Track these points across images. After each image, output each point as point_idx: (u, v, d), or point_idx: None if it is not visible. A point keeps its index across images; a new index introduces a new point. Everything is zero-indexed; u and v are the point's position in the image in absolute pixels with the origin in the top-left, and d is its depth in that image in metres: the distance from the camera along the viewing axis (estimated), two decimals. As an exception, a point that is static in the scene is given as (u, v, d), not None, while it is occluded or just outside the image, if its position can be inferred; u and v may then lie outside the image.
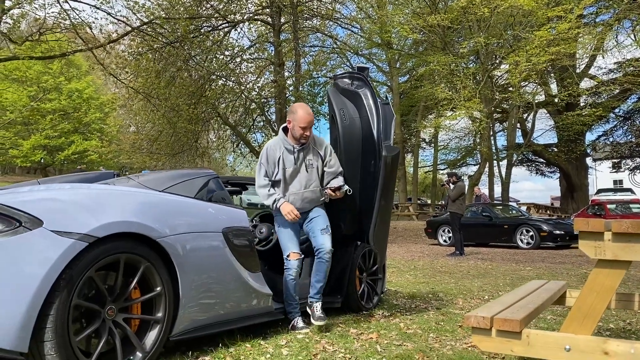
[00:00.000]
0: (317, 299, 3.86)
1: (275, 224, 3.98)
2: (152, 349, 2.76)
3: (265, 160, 3.89)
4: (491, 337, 2.08)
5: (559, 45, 16.68)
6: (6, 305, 2.23)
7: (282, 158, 3.87)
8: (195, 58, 16.88)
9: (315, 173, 3.97)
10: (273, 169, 3.89)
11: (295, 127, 3.83)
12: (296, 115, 3.84)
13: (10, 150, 31.47)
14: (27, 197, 2.57)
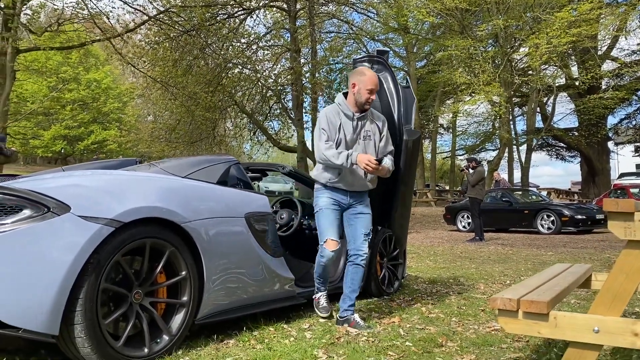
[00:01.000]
0: (352, 311, 3.52)
1: (316, 207, 3.60)
2: (178, 333, 2.80)
3: (326, 126, 3.49)
4: (517, 319, 2.06)
5: (580, 26, 16.33)
6: (37, 290, 2.28)
7: (342, 125, 3.52)
8: (212, 46, 16.90)
9: (372, 146, 3.59)
10: (334, 135, 3.50)
11: (362, 90, 3.47)
12: (364, 76, 3.49)
13: (31, 141, 32.00)
14: (54, 183, 2.61)
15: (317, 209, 3.60)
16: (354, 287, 3.56)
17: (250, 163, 4.55)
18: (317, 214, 3.59)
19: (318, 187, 3.62)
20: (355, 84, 3.49)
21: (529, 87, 24.33)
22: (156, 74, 16.57)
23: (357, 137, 3.54)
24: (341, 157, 3.42)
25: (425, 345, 3.04)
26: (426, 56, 28.28)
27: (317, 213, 3.59)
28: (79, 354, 2.43)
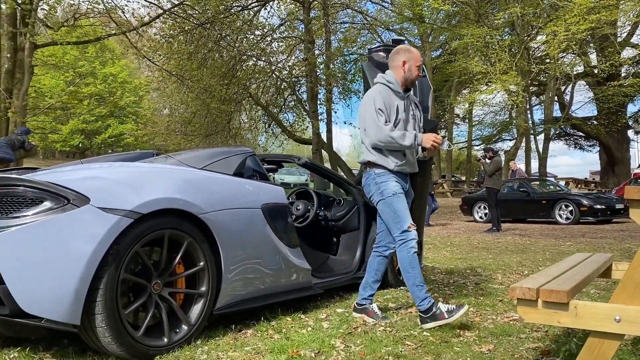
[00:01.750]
0: (371, 301, 3.49)
1: (386, 193, 3.29)
2: (197, 322, 2.83)
3: (382, 106, 3.26)
4: (537, 308, 2.04)
5: (599, 12, 16.01)
6: (58, 280, 2.32)
7: (398, 105, 3.34)
8: (226, 39, 16.92)
9: (417, 125, 3.46)
10: (392, 116, 3.30)
11: (413, 66, 3.35)
12: (412, 53, 3.38)
13: (50, 135, 32.42)
14: (74, 176, 2.64)
15: (390, 193, 3.28)
16: (378, 277, 3.52)
17: (265, 154, 4.56)
18: (389, 200, 3.27)
19: (381, 173, 3.32)
20: (405, 62, 3.36)
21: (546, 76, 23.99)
22: (171, 67, 16.65)
23: (407, 117, 3.40)
24: (408, 138, 3.23)
25: (442, 335, 3.03)
26: (441, 45, 28.01)
27: (389, 199, 3.27)
28: (100, 343, 2.47)
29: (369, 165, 3.38)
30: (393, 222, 3.29)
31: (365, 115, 3.30)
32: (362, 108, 3.34)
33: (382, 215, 3.37)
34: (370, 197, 3.41)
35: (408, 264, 3.24)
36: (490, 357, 2.66)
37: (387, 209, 3.30)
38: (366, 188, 3.42)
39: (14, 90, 11.91)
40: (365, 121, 3.30)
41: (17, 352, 2.62)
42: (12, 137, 9.72)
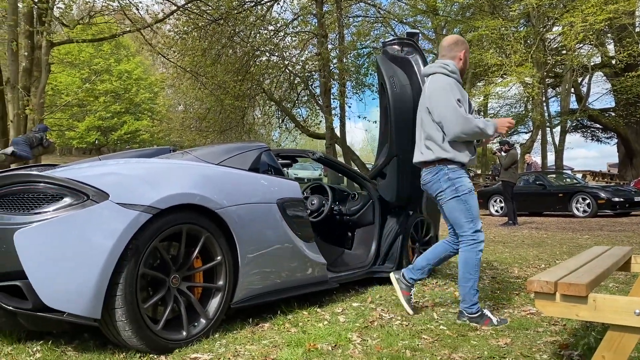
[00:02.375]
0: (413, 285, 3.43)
1: (461, 190, 3.16)
2: (215, 316, 2.86)
3: (459, 96, 3.14)
4: (555, 302, 2.03)
5: (617, 2, 15.74)
6: (79, 275, 2.36)
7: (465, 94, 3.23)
8: (240, 34, 16.94)
9: None
10: (466, 106, 3.18)
11: (467, 59, 3.32)
12: (467, 46, 3.33)
13: (67, 132, 32.79)
14: (93, 172, 2.68)
15: (466, 190, 3.16)
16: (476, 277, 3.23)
17: (280, 149, 4.57)
18: (465, 197, 3.15)
19: (454, 168, 3.17)
20: (464, 53, 3.29)
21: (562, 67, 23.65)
22: (186, 64, 16.73)
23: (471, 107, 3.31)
24: (490, 126, 3.12)
25: (459, 329, 3.03)
26: (456, 38, 27.69)
27: (464, 196, 3.15)
28: (120, 337, 2.51)
29: (439, 163, 3.18)
30: (465, 220, 3.16)
31: (441, 108, 3.11)
32: (435, 100, 3.14)
33: (452, 213, 3.20)
34: (439, 194, 3.22)
35: (473, 266, 3.16)
36: (507, 351, 2.65)
37: (461, 206, 3.16)
38: (434, 185, 3.22)
39: (31, 88, 12.06)
40: (442, 114, 3.10)
41: (40, 346, 2.67)
42: (30, 134, 9.86)
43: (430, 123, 3.20)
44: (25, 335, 2.82)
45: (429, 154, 3.22)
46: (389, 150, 4.20)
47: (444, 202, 3.22)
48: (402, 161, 4.11)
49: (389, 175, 4.26)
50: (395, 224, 4.43)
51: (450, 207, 3.20)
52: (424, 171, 3.31)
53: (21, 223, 2.34)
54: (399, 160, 4.13)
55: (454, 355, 2.59)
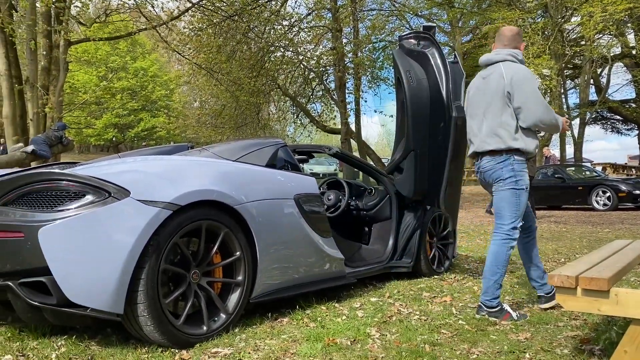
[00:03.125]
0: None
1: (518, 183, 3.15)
2: (235, 311, 2.89)
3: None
4: (576, 296, 2.02)
5: (637, -9, 15.43)
6: (102, 271, 2.40)
7: None
8: (254, 30, 16.96)
9: None
10: None
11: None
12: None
13: (84, 130, 33.20)
14: (114, 169, 2.71)
15: (524, 186, 3.17)
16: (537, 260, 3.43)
17: (296, 145, 4.59)
18: (520, 192, 3.15)
19: (521, 160, 3.17)
20: (523, 44, 3.32)
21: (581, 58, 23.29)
22: (201, 61, 16.81)
23: None
24: (560, 121, 3.17)
25: (478, 324, 3.02)
26: (472, 30, 27.42)
27: (520, 191, 3.15)
28: (142, 331, 2.54)
29: (507, 152, 3.14)
30: (509, 214, 3.16)
31: (527, 93, 3.07)
32: (519, 85, 3.08)
33: (501, 201, 3.20)
34: (497, 180, 3.19)
35: (502, 261, 3.17)
36: (527, 346, 2.64)
37: (512, 199, 3.15)
38: (495, 173, 3.18)
39: (50, 87, 12.23)
40: (526, 99, 3.06)
41: (64, 340, 2.72)
42: (50, 133, 10.00)
43: (506, 110, 3.13)
44: (50, 330, 2.88)
45: (499, 143, 3.15)
46: (405, 144, 4.19)
47: (498, 189, 3.21)
48: (419, 155, 4.10)
49: (406, 170, 4.25)
50: (412, 219, 4.43)
51: (502, 195, 3.19)
52: (485, 158, 3.24)
53: (45, 220, 2.39)
54: (416, 155, 4.12)
55: (473, 349, 2.59)
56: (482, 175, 3.32)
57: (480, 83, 3.29)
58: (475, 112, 3.29)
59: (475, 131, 3.29)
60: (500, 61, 3.22)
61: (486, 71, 3.28)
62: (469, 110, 3.36)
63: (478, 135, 3.26)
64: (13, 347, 2.64)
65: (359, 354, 2.51)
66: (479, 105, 3.26)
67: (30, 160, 9.15)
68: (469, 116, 3.36)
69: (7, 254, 2.41)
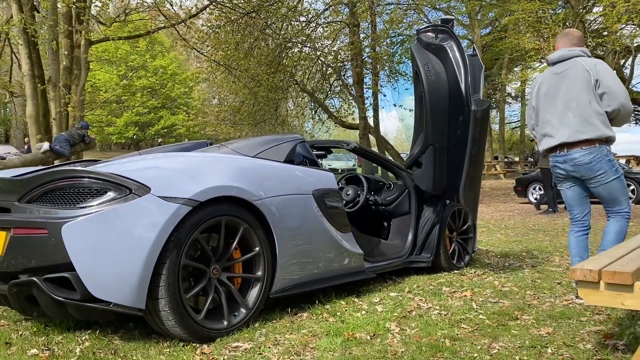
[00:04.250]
0: None
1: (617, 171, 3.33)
2: (255, 306, 2.91)
3: None
4: (599, 290, 1.99)
5: (662, -21, 15.05)
6: (124, 267, 2.44)
7: None
8: (272, 26, 16.98)
9: None
10: None
11: None
12: None
13: (106, 128, 33.66)
14: (135, 166, 2.75)
15: (620, 171, 3.35)
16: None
17: (315, 140, 4.59)
18: (621, 177, 3.34)
19: (610, 149, 3.35)
20: None
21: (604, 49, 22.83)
22: (219, 58, 16.89)
23: None
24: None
25: (499, 319, 3.00)
26: (491, 22, 27.07)
27: (621, 176, 3.34)
28: (163, 326, 2.58)
29: (600, 142, 3.27)
30: (624, 197, 3.35)
31: (612, 79, 3.25)
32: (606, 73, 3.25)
33: (613, 192, 3.33)
34: (601, 175, 3.29)
35: (624, 235, 3.37)
36: (549, 340, 2.61)
37: (620, 185, 3.32)
38: (596, 165, 3.27)
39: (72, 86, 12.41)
40: (611, 85, 3.22)
41: (88, 335, 2.77)
42: (72, 131, 10.16)
43: (594, 99, 3.25)
44: (74, 325, 2.93)
45: (595, 131, 3.24)
46: (424, 138, 4.16)
47: (604, 182, 3.31)
48: (438, 149, 4.07)
49: (425, 164, 4.22)
50: (431, 214, 4.40)
51: (612, 187, 3.32)
52: (579, 151, 3.31)
53: (68, 217, 2.43)
54: (435, 149, 4.10)
55: (494, 344, 2.57)
56: (574, 168, 3.37)
57: (555, 78, 3.42)
58: (553, 107, 3.40)
59: (557, 124, 3.38)
60: (576, 56, 3.37)
61: (560, 67, 3.41)
62: (544, 106, 3.46)
63: (565, 127, 3.33)
64: (39, 341, 2.70)
65: (379, 349, 2.51)
66: (557, 99, 3.38)
67: (53, 159, 9.31)
68: (545, 111, 3.45)
69: (32, 250, 2.46)
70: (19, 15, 10.79)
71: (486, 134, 4.42)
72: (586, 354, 2.43)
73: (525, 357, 2.40)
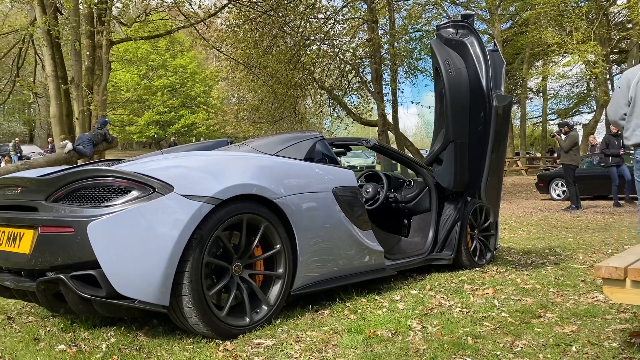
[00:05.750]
0: None
1: None
2: (276, 303, 2.94)
3: None
4: (625, 288, 1.97)
5: (689, -30, 14.70)
6: (148, 264, 2.47)
7: None
8: (290, 24, 17.01)
9: None
10: None
11: None
12: None
13: (127, 127, 34.13)
14: (158, 165, 2.79)
15: None
16: None
17: (334, 138, 4.60)
18: None
19: None
20: None
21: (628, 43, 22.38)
22: (238, 56, 16.99)
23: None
24: None
25: (522, 316, 2.97)
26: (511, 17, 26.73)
27: None
28: (187, 323, 2.61)
29: None
30: None
31: None
32: None
33: None
34: None
35: None
36: (573, 339, 2.58)
37: None
38: None
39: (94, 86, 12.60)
40: None
41: (114, 331, 2.82)
42: (94, 132, 10.31)
43: None
44: (100, 321, 2.99)
45: None
46: (445, 135, 4.14)
47: None
48: (459, 146, 4.04)
49: (445, 161, 4.20)
50: (452, 211, 4.37)
51: None
52: None
53: (93, 216, 2.48)
54: (456, 145, 4.07)
55: (517, 342, 2.55)
56: None
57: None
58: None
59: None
60: None
61: None
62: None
63: None
64: (66, 337, 2.76)
65: (401, 346, 2.51)
66: None
67: (77, 158, 9.47)
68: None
69: (59, 248, 2.51)
70: (43, 17, 10.98)
71: (508, 130, 4.37)
72: (611, 352, 2.39)
73: (549, 355, 2.37)
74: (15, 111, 38.11)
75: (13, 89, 17.20)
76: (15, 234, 2.70)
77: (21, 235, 2.66)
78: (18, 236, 2.68)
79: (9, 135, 32.71)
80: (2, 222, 2.82)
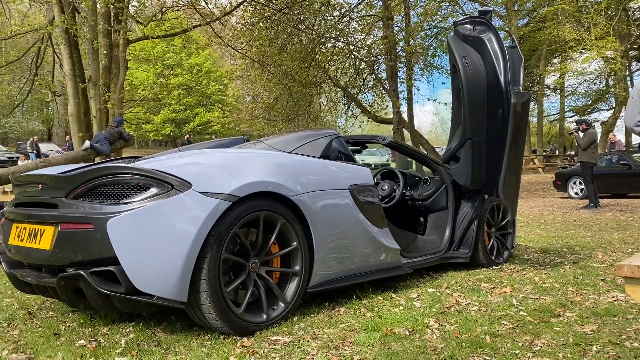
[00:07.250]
0: None
1: None
2: (293, 300, 2.94)
3: None
4: (648, 287, 1.93)
5: None
6: (166, 261, 2.49)
7: None
8: (305, 22, 17.01)
9: None
10: None
11: None
12: None
13: (144, 125, 34.43)
14: (176, 162, 2.81)
15: None
16: None
17: (350, 136, 4.58)
18: None
19: None
20: None
21: (648, 38, 21.98)
22: (253, 54, 17.03)
23: None
24: None
25: (541, 315, 2.94)
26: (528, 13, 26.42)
27: None
28: (205, 319, 2.63)
29: None
30: None
31: None
32: None
33: None
34: None
35: None
36: (594, 338, 2.55)
37: None
38: None
39: (111, 85, 12.72)
40: None
41: (132, 327, 2.85)
42: (110, 129, 10.41)
43: None
44: (119, 317, 3.02)
45: None
46: (462, 132, 4.11)
47: None
48: (477, 144, 4.01)
49: (463, 159, 4.17)
50: (470, 209, 4.34)
51: None
52: None
53: (112, 212, 2.50)
54: (474, 143, 4.04)
55: (536, 341, 2.52)
56: None
57: None
58: None
59: None
60: None
61: None
62: None
63: None
64: (85, 332, 2.80)
65: (418, 344, 2.50)
66: None
67: (94, 156, 9.57)
68: None
69: (79, 244, 2.54)
70: (61, 16, 11.12)
71: (526, 128, 4.32)
72: (633, 352, 2.36)
73: (569, 355, 2.35)
74: (34, 110, 38.63)
75: (32, 87, 17.44)
76: (36, 231, 2.74)
77: (42, 231, 2.70)
78: (39, 232, 2.71)
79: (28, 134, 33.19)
80: (23, 219, 2.87)
